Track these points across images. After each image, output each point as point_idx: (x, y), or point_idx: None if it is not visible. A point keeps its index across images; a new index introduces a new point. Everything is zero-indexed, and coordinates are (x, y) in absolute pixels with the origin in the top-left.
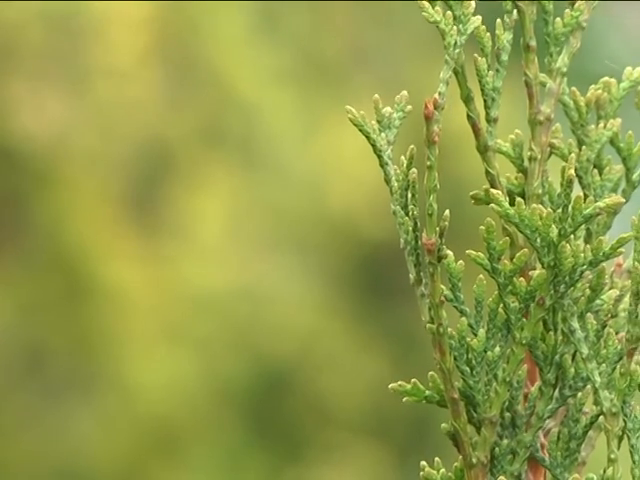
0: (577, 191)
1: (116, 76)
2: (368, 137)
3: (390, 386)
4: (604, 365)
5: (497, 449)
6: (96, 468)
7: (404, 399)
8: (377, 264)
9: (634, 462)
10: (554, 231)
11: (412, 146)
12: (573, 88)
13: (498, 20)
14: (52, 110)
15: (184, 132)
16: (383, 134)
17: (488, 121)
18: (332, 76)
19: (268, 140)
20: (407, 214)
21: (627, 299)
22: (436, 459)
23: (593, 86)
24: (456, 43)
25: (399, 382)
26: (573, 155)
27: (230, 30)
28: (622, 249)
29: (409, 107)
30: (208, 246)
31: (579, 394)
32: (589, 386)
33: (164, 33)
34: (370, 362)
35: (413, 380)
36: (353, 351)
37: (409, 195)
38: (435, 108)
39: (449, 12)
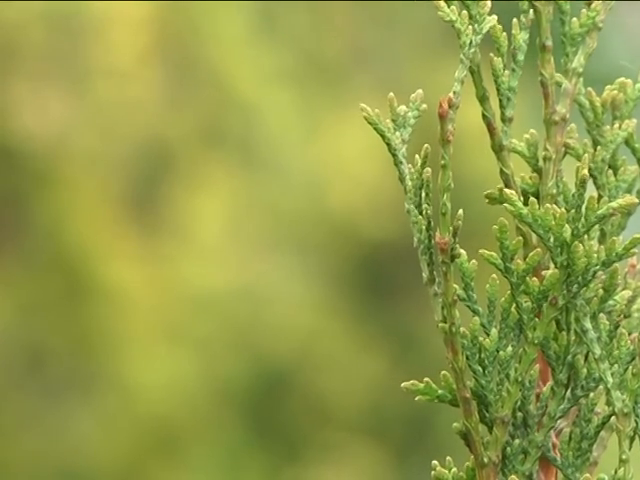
0: (593, 192)
1: (116, 76)
2: (383, 136)
3: (403, 385)
4: (616, 365)
5: (509, 449)
6: (96, 468)
7: (416, 398)
8: (377, 264)
9: None
10: (567, 231)
11: (427, 145)
12: (589, 88)
13: (514, 20)
14: (52, 110)
15: (184, 132)
16: (398, 133)
17: (503, 120)
18: (332, 76)
19: (268, 140)
20: (421, 213)
21: None
22: (448, 458)
23: (609, 86)
24: (471, 42)
25: (412, 381)
26: (587, 155)
27: (230, 30)
28: (635, 250)
29: (424, 106)
30: (208, 246)
31: (591, 394)
32: (601, 386)
33: (164, 33)
34: (370, 362)
35: (426, 379)
36: (353, 351)
37: (423, 194)
38: (450, 107)
39: (465, 11)
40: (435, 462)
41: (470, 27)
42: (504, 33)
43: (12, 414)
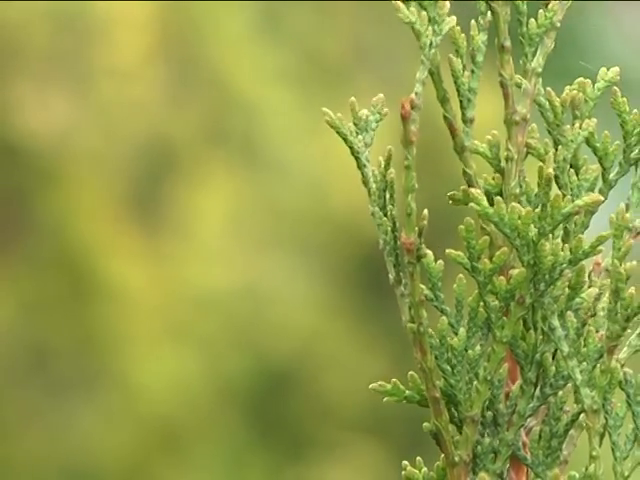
0: (554, 191)
1: (119, 76)
2: (345, 139)
3: (370, 386)
4: (585, 363)
5: (479, 448)
6: (100, 466)
7: (384, 399)
8: (379, 263)
9: (615, 459)
10: (533, 230)
11: (389, 147)
12: (548, 88)
13: (473, 21)
14: (56, 109)
15: (187, 131)
16: (360, 136)
17: (464, 122)
18: (334, 75)
19: (270, 139)
20: (385, 215)
21: (606, 297)
22: (418, 458)
23: (568, 87)
24: (431, 43)
25: (379, 382)
26: (551, 154)
27: (232, 30)
28: (601, 247)
29: (385, 110)
30: (210, 245)
31: (560, 392)
32: (570, 384)
33: (167, 33)
34: (372, 361)
35: (393, 380)
36: (355, 350)
37: (387, 196)
38: (412, 108)
39: (424, 13)
40: (405, 462)
41: (430, 28)
42: (463, 34)
43: (15, 412)
